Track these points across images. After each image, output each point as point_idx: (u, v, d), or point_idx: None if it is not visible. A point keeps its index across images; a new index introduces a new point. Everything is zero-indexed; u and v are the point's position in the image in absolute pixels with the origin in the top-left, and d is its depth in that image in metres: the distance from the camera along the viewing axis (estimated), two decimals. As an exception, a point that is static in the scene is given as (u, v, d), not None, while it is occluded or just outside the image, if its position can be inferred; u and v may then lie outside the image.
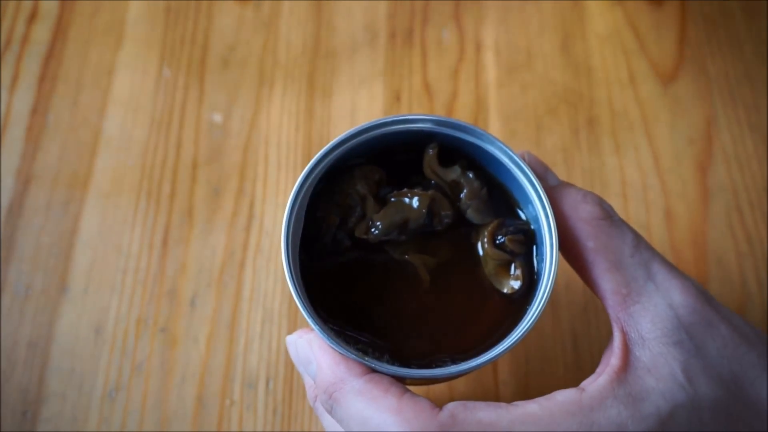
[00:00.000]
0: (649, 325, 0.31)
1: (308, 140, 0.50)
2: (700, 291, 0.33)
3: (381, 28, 0.54)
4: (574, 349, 0.44)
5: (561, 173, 0.49)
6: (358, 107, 0.51)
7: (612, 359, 0.31)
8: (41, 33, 0.52)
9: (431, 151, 0.35)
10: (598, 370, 0.32)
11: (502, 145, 0.34)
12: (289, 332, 0.44)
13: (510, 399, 0.43)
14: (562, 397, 0.29)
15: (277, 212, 0.48)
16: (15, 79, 0.51)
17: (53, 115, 0.50)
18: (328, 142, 0.50)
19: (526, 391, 0.43)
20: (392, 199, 0.35)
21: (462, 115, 0.51)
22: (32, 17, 0.53)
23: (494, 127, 0.51)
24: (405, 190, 0.35)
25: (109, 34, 0.53)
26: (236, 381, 0.43)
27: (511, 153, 0.34)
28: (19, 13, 0.53)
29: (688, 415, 0.29)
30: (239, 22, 0.54)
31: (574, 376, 0.43)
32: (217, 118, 0.50)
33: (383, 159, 0.36)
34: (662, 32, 0.54)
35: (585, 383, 0.30)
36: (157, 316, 0.44)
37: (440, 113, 0.51)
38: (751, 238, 0.47)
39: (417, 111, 0.51)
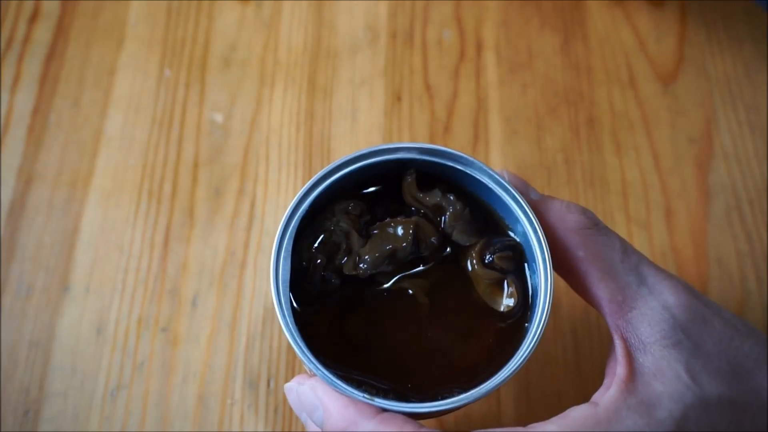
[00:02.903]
0: (648, 329, 0.31)
1: (309, 140, 0.50)
2: (689, 288, 0.33)
3: (382, 28, 0.54)
4: (575, 350, 0.44)
5: (561, 173, 0.49)
6: (359, 107, 0.51)
7: (618, 369, 0.31)
8: (42, 33, 0.52)
9: (409, 178, 0.34)
10: (605, 381, 0.32)
11: (482, 166, 0.34)
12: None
13: (510, 401, 0.43)
14: (577, 413, 0.29)
15: (278, 212, 0.48)
16: (16, 79, 0.51)
17: (54, 115, 0.50)
18: (328, 142, 0.51)
19: (527, 392, 0.43)
20: (375, 231, 0.34)
21: (462, 114, 0.51)
22: (33, 17, 0.53)
23: (495, 127, 0.51)
24: (388, 220, 0.34)
25: (110, 34, 0.53)
26: (237, 380, 0.43)
27: (491, 172, 0.34)
28: (20, 14, 0.53)
29: (698, 414, 0.30)
30: (240, 21, 0.54)
31: (574, 378, 0.43)
32: (218, 117, 0.50)
33: (361, 191, 0.35)
34: (662, 32, 0.54)
35: (596, 397, 0.31)
36: (158, 315, 0.44)
37: (441, 113, 0.51)
38: (751, 237, 0.48)
39: (417, 112, 0.51)
